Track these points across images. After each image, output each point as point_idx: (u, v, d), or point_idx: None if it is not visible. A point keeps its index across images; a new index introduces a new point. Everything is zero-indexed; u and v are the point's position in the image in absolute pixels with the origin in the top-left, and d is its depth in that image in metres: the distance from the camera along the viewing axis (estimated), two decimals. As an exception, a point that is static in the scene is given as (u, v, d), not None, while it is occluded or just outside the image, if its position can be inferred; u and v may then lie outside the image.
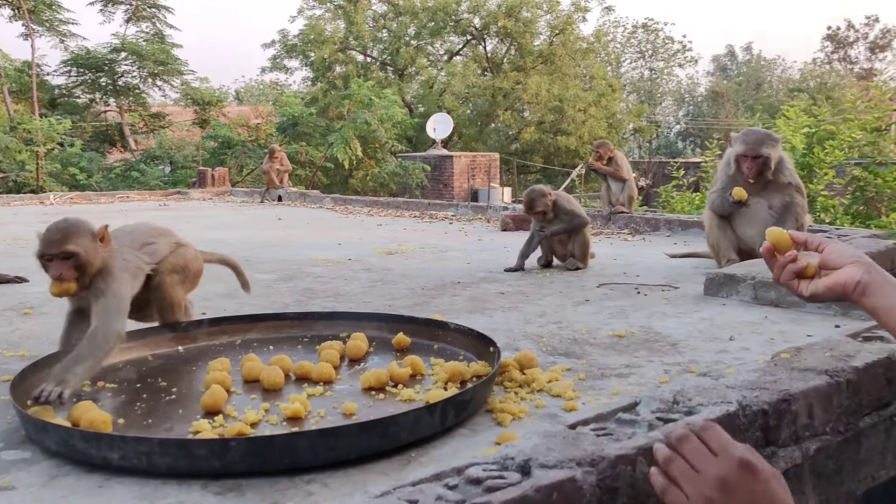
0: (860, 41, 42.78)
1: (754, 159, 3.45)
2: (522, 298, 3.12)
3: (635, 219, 5.46)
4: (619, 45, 36.91)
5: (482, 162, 17.13)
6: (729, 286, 2.98)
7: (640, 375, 2.05)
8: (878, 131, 9.32)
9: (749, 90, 42.93)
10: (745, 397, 1.55)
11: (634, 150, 34.73)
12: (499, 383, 1.99)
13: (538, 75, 23.90)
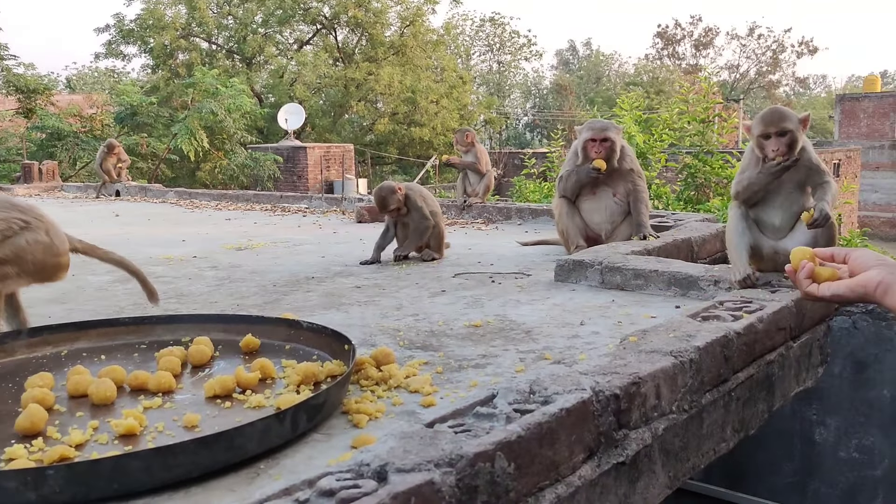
0: (686, 39, 46.04)
1: (602, 142, 3.59)
2: (379, 292, 3.06)
3: (488, 208, 5.54)
4: (468, 38, 37.62)
5: (337, 153, 16.88)
6: (578, 272, 3.06)
7: (497, 365, 2.04)
8: (704, 122, 10.02)
9: (590, 83, 45.13)
10: (598, 383, 1.56)
11: (486, 141, 35.57)
12: (355, 382, 1.92)
13: (390, 66, 23.88)
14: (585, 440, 1.49)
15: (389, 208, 3.75)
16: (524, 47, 38.30)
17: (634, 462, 1.62)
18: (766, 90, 45.34)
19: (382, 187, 3.80)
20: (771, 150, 2.52)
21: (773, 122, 2.53)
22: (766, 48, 45.34)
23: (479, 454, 1.25)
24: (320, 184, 15.97)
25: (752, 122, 2.61)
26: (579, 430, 1.47)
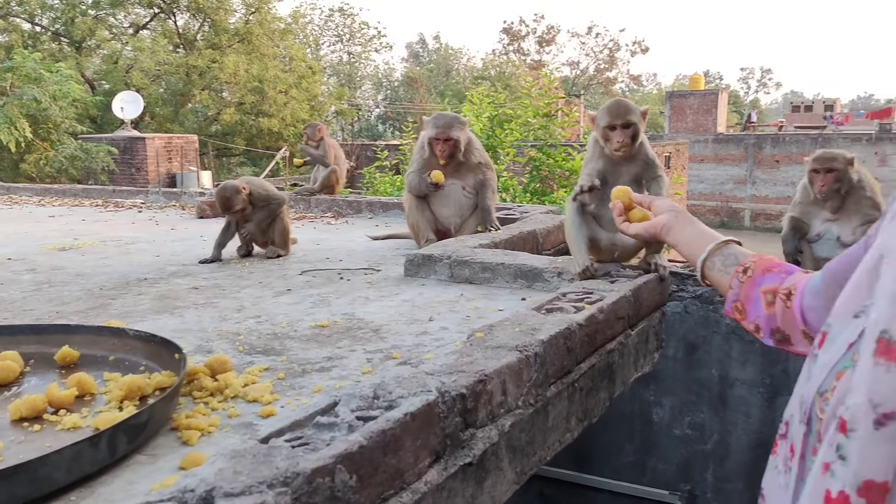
0: (530, 35, 47.70)
1: (445, 142, 3.59)
2: (219, 293, 2.88)
3: (338, 202, 5.41)
4: (317, 27, 36.97)
5: (179, 144, 16.01)
6: (428, 266, 3.03)
7: (343, 367, 1.96)
8: (547, 116, 10.38)
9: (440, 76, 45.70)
10: (443, 383, 1.52)
11: (338, 133, 35.14)
12: (187, 394, 1.77)
13: (235, 54, 22.94)
14: (431, 444, 1.44)
15: (234, 209, 3.55)
16: (374, 39, 38.12)
17: (482, 461, 1.59)
18: (604, 86, 47.84)
19: (226, 187, 3.59)
20: (616, 141, 2.59)
21: (619, 114, 2.60)
22: (603, 46, 47.86)
23: (317, 469, 1.17)
24: (162, 177, 15.10)
25: (598, 114, 2.66)
26: (425, 433, 1.42)
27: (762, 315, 1.20)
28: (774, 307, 1.17)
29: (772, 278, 1.20)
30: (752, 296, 1.22)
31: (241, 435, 1.55)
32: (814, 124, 38.97)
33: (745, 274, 1.25)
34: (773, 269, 1.22)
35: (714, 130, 32.68)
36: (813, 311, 1.09)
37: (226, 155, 24.15)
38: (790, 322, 1.14)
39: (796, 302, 1.12)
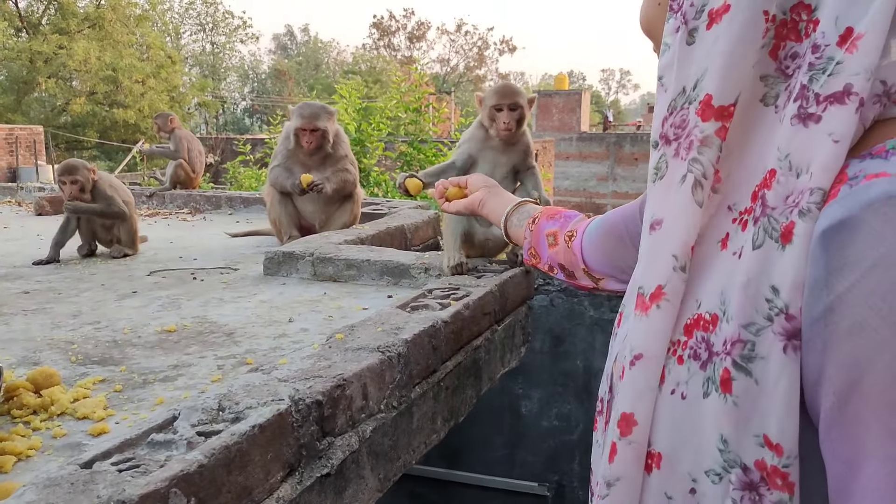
0: (401, 31, 47.72)
1: (312, 132, 3.44)
2: (54, 297, 2.61)
3: (195, 197, 5.12)
4: (177, 15, 35.28)
5: (22, 136, 14.78)
6: (289, 264, 2.88)
7: (190, 376, 1.80)
8: (417, 111, 10.36)
9: (309, 70, 44.89)
10: (297, 391, 1.41)
11: (202, 126, 33.74)
12: (5, 413, 1.56)
13: (86, 40, 21.49)
14: (284, 456, 1.33)
15: (75, 177, 3.30)
16: (238, 29, 36.85)
17: (341, 471, 1.50)
18: (473, 84, 48.63)
19: (73, 160, 3.43)
20: (502, 121, 2.54)
21: (507, 94, 2.56)
22: (472, 44, 48.59)
23: (146, 496, 1.03)
24: (2, 171, 13.88)
25: (486, 94, 2.62)
26: (276, 446, 1.31)
27: (548, 254, 1.34)
28: (557, 246, 1.31)
29: (553, 223, 1.35)
30: (540, 240, 1.37)
31: (65, 458, 1.37)
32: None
33: (534, 223, 1.41)
34: (555, 216, 1.37)
35: (578, 129, 34.01)
36: (590, 253, 1.23)
37: (77, 148, 22.56)
38: (572, 259, 1.27)
39: (576, 243, 1.26)
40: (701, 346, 0.66)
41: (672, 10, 0.73)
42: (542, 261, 1.38)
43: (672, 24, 0.73)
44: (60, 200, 4.95)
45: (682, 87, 0.71)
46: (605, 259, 1.20)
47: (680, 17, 0.72)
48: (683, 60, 0.71)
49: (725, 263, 0.67)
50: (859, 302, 0.54)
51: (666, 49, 0.73)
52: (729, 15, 0.67)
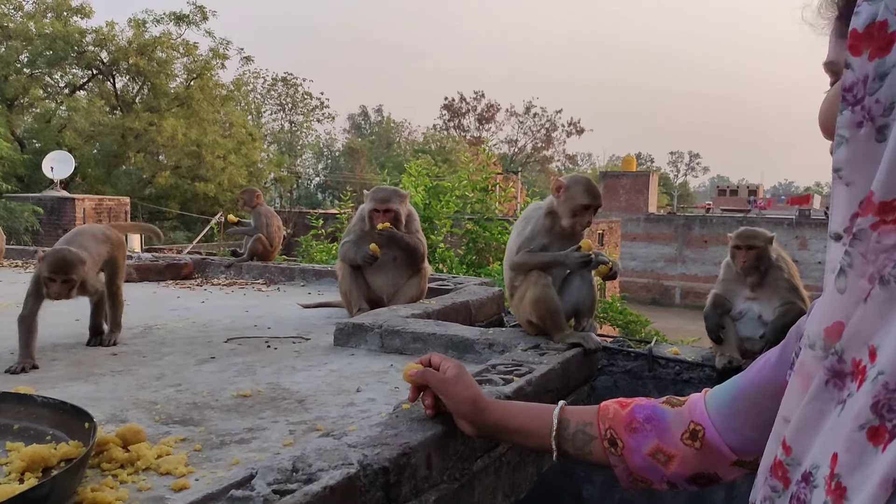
0: (471, 112, 49.01)
1: (385, 213, 3.62)
2: (139, 360, 2.77)
3: (270, 268, 5.34)
4: (259, 95, 37.20)
5: (110, 206, 15.65)
6: (358, 335, 2.99)
7: (264, 439, 1.89)
8: (485, 191, 10.59)
9: (381, 148, 46.31)
10: (366, 456, 1.49)
11: (276, 200, 34.99)
12: (95, 466, 1.68)
13: (174, 118, 22.82)
14: (351, 519, 1.39)
15: (69, 279, 2.75)
16: (316, 109, 38.55)
17: (404, 538, 1.54)
18: (540, 164, 49.25)
19: (64, 251, 2.80)
20: (586, 220, 2.81)
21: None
22: (540, 126, 49.45)
23: (227, 547, 1.11)
24: (89, 239, 14.66)
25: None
26: (345, 508, 1.37)
27: (668, 474, 1.15)
28: (673, 463, 1.13)
29: (644, 437, 1.16)
30: (642, 465, 1.17)
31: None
32: (739, 207, 40.76)
33: (617, 447, 1.19)
34: (633, 425, 1.17)
35: (646, 210, 33.80)
36: (733, 433, 1.07)
37: (159, 218, 23.69)
38: (712, 461, 1.11)
39: (713, 436, 1.09)
40: None
41: (847, 102, 0.70)
42: (655, 482, 1.18)
43: (851, 117, 0.70)
44: (147, 268, 5.25)
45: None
46: (764, 431, 0.95)
47: (861, 111, 0.70)
48: (874, 158, 0.69)
49: None
50: None
51: (843, 142, 0.71)
52: None
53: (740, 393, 1.06)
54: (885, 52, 0.68)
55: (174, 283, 5.16)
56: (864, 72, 0.70)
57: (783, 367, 0.99)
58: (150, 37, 23.11)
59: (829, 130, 0.79)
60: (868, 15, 0.69)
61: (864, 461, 0.65)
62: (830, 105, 0.79)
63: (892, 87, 0.68)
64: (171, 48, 23.54)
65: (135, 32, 23.01)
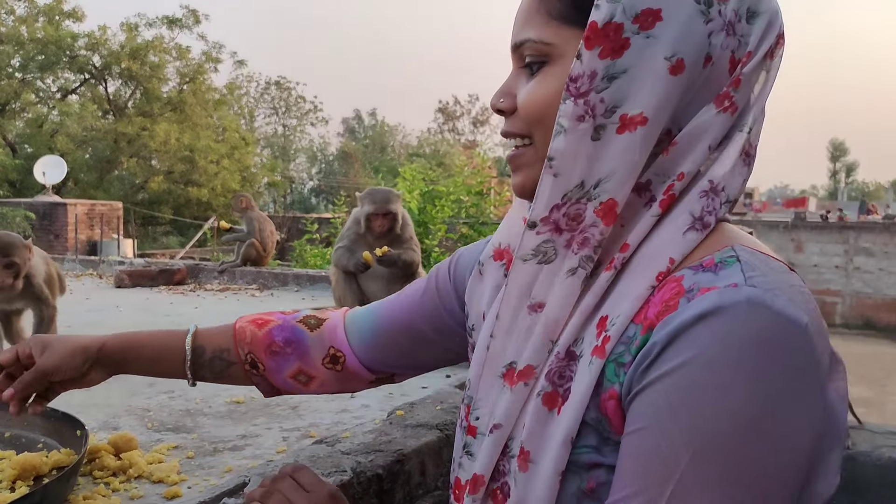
0: (465, 116, 49.06)
1: (385, 216, 3.60)
2: (131, 365, 2.75)
3: (264, 274, 5.33)
4: (252, 99, 37.16)
5: (102, 211, 15.60)
6: (352, 341, 2.98)
7: (257, 446, 1.89)
8: (480, 194, 10.59)
9: (375, 152, 46.31)
10: (359, 463, 1.48)
11: (269, 205, 34.94)
12: (87, 473, 1.67)
13: (167, 122, 22.76)
14: (345, 527, 1.39)
15: (11, 262, 2.50)
16: (310, 113, 38.54)
17: (398, 545, 1.54)
18: (534, 167, 49.13)
19: (8, 234, 2.61)
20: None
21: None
22: (534, 129, 49.37)
23: (219, 556, 1.11)
24: (82, 244, 14.62)
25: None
26: (338, 516, 1.37)
27: (309, 390, 1.15)
28: (314, 383, 1.13)
29: (285, 360, 1.13)
30: (283, 385, 1.15)
31: (142, 518, 1.46)
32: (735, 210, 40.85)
33: (258, 369, 1.15)
34: (273, 348, 1.13)
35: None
36: (374, 361, 1.11)
37: (151, 223, 23.63)
38: (352, 381, 1.14)
39: (353, 363, 1.11)
40: None
41: (570, 93, 0.71)
42: (295, 394, 1.20)
43: (574, 110, 0.71)
44: (139, 274, 5.23)
45: (581, 180, 0.72)
46: (402, 360, 1.11)
47: (584, 106, 0.71)
48: (586, 155, 0.71)
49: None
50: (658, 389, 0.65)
51: (560, 132, 0.72)
52: (645, 129, 0.70)
53: (382, 331, 1.09)
54: (617, 54, 0.70)
55: (167, 288, 5.15)
56: (592, 67, 0.70)
57: (424, 313, 1.06)
58: (143, 41, 23.08)
59: (532, 113, 0.77)
60: (607, 12, 0.70)
61: (544, 426, 0.73)
62: (547, 91, 0.75)
63: (618, 92, 0.70)
64: (163, 52, 23.50)
65: (127, 36, 22.98)
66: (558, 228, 0.74)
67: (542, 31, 0.75)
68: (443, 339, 1.06)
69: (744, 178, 0.75)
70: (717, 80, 0.72)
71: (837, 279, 21.19)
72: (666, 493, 0.63)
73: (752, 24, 0.73)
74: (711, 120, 0.72)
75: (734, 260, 0.69)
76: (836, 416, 0.68)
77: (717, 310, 0.64)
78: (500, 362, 0.78)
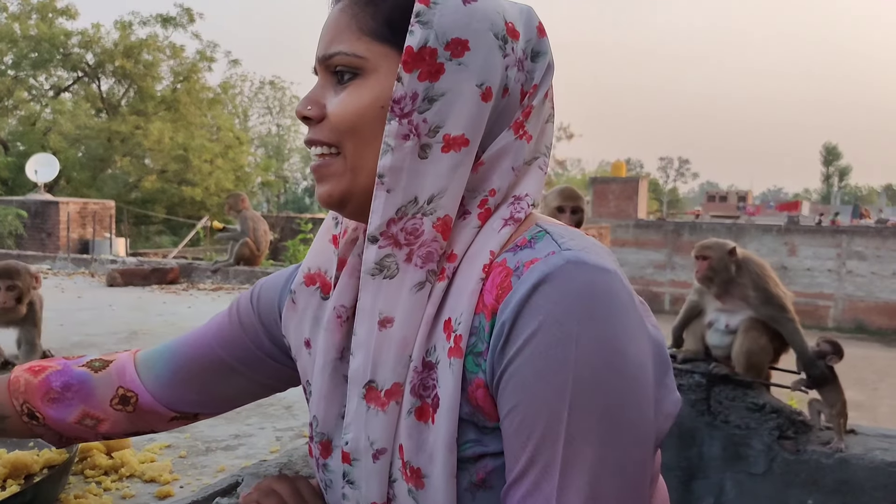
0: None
1: None
2: (123, 364, 2.74)
3: (257, 273, 5.32)
4: (246, 98, 37.07)
5: (95, 210, 15.53)
6: (346, 341, 2.97)
7: (251, 446, 1.88)
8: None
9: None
10: (353, 463, 1.47)
11: (263, 204, 34.88)
12: (79, 472, 1.66)
13: (161, 121, 22.67)
14: (338, 527, 1.38)
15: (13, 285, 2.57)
16: (304, 113, 38.36)
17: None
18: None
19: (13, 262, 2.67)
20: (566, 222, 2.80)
21: (571, 197, 2.80)
22: (528, 131, 49.49)
23: (212, 556, 1.10)
24: (75, 242, 14.56)
25: (548, 194, 2.89)
26: (332, 516, 1.36)
27: (101, 433, 1.06)
28: (105, 425, 1.04)
29: (66, 406, 1.03)
30: (71, 433, 1.05)
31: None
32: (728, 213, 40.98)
33: (38, 420, 1.04)
34: (51, 395, 1.03)
35: (635, 216, 33.92)
36: (173, 398, 1.03)
37: (144, 223, 23.54)
38: (149, 421, 1.05)
39: (148, 402, 1.03)
40: None
41: (395, 114, 0.76)
42: (90, 440, 1.11)
43: (398, 129, 0.76)
44: (132, 273, 5.21)
45: (413, 196, 0.76)
46: (205, 396, 1.04)
47: (408, 125, 0.76)
48: (415, 171, 0.76)
49: None
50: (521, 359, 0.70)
51: (388, 150, 0.76)
52: (468, 148, 0.77)
53: (180, 366, 1.03)
54: (434, 78, 0.76)
55: (160, 287, 5.13)
56: (413, 89, 0.76)
57: (227, 345, 1.01)
58: (137, 39, 23.00)
59: (344, 123, 0.79)
60: (421, 38, 0.76)
61: (424, 439, 0.75)
62: (360, 102, 0.78)
63: (439, 114, 0.76)
64: (157, 50, 23.42)
65: (121, 34, 22.89)
66: (398, 243, 0.77)
67: (355, 45, 0.79)
68: (250, 371, 1.03)
69: (541, 191, 0.84)
70: (512, 109, 0.80)
71: (830, 283, 21.27)
72: (558, 453, 0.68)
73: (535, 62, 0.82)
74: (511, 144, 0.80)
75: (543, 233, 0.77)
76: (660, 343, 0.77)
77: (546, 277, 0.70)
78: (361, 381, 0.79)
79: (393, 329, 0.77)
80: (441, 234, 0.77)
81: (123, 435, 1.08)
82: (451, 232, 0.78)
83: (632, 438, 0.70)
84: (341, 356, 0.84)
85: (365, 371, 0.78)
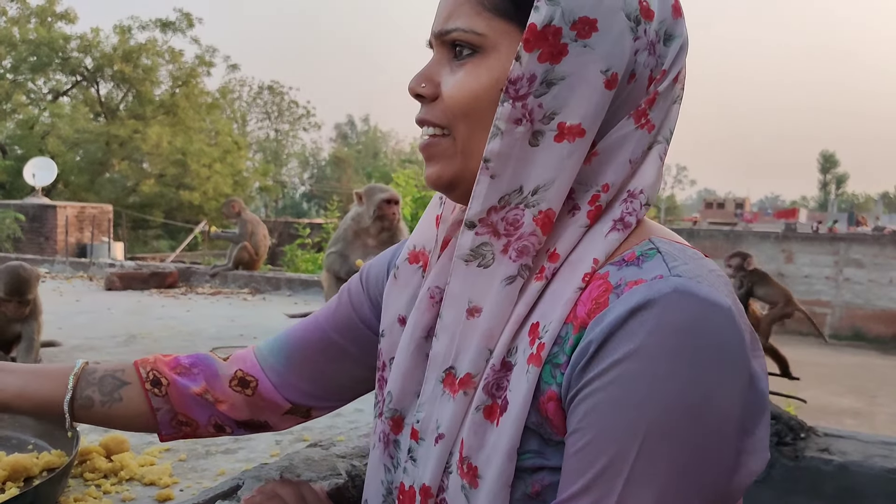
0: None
1: (396, 203, 3.58)
2: (122, 368, 2.73)
3: (256, 278, 5.31)
4: (245, 103, 37.13)
5: (93, 213, 15.51)
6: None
7: (251, 449, 1.87)
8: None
9: (367, 158, 46.35)
10: (354, 466, 1.47)
11: (261, 209, 34.88)
12: (78, 475, 1.65)
13: (159, 126, 22.70)
14: (340, 531, 1.38)
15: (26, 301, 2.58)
16: (302, 118, 38.52)
17: (392, 550, 1.53)
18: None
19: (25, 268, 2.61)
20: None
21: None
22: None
23: (214, 559, 1.09)
24: (73, 246, 14.53)
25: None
26: (333, 520, 1.36)
27: (218, 412, 1.06)
28: (224, 405, 1.05)
29: (192, 378, 1.05)
30: (191, 403, 1.05)
31: (133, 521, 1.44)
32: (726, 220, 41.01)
33: (161, 387, 1.05)
34: (178, 369, 1.06)
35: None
36: (290, 386, 1.04)
37: (142, 227, 23.53)
38: (264, 409, 1.06)
39: (266, 388, 1.05)
40: None
41: (509, 95, 0.71)
42: (201, 425, 1.08)
43: (511, 112, 0.71)
44: (131, 276, 5.20)
45: (519, 185, 0.72)
46: (318, 385, 1.05)
47: (522, 109, 0.70)
48: (524, 159, 0.71)
49: None
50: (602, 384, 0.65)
51: (497, 134, 0.71)
52: (583, 140, 0.71)
53: (295, 350, 1.04)
54: (555, 59, 0.70)
55: (158, 291, 5.12)
56: (531, 70, 0.70)
57: (339, 326, 1.02)
58: (136, 43, 23.04)
59: (458, 105, 0.75)
60: (546, 15, 0.69)
61: (486, 438, 0.72)
62: (478, 83, 0.74)
63: (557, 99, 0.70)
64: (156, 55, 23.46)
65: (120, 39, 22.93)
66: (496, 232, 0.73)
67: (474, 21, 0.73)
68: (361, 352, 1.02)
69: (659, 185, 0.78)
70: (637, 96, 0.74)
71: (828, 290, 21.30)
72: (614, 490, 0.63)
73: (667, 46, 0.75)
74: (630, 134, 0.73)
75: (654, 252, 0.70)
76: (760, 386, 0.69)
77: (647, 303, 0.65)
78: (441, 365, 0.77)
79: (479, 319, 0.74)
80: (541, 228, 0.72)
81: (238, 417, 1.08)
82: (552, 227, 0.73)
83: (695, 491, 0.65)
84: (427, 335, 0.81)
85: (447, 356, 0.77)
